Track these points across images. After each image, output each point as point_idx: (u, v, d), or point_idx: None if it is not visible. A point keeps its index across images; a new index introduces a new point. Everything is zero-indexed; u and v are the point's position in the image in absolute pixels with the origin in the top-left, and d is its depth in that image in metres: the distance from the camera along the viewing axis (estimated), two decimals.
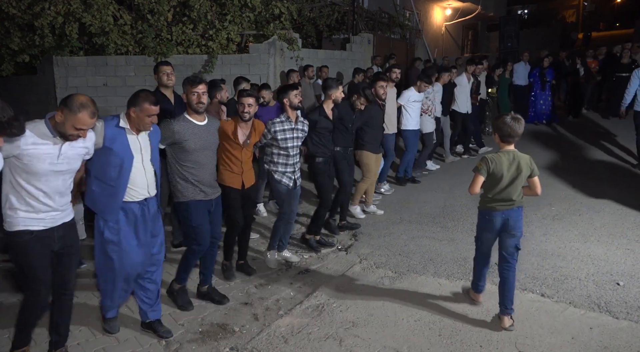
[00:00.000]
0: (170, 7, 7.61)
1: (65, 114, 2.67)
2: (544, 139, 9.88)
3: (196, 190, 3.68)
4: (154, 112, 3.14)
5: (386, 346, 3.35)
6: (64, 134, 2.71)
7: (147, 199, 3.29)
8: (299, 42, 8.26)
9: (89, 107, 2.70)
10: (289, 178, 4.53)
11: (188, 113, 3.69)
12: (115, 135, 3.10)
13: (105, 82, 7.59)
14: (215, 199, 3.85)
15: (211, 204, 3.81)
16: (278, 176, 4.51)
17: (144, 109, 3.11)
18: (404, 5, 15.10)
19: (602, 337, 3.36)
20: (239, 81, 5.70)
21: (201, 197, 3.71)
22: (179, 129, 3.57)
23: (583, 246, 4.89)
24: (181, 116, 3.69)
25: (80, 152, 2.91)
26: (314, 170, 4.99)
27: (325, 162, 4.98)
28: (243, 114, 4.00)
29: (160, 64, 4.80)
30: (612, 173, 7.25)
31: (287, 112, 4.48)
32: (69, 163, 2.85)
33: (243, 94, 4.03)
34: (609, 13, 33.43)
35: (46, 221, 2.85)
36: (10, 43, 7.38)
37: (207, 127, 3.75)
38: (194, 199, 3.68)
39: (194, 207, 3.69)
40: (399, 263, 4.70)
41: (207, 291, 4.01)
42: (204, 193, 3.72)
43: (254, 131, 4.18)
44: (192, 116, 3.67)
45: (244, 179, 4.19)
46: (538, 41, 20.11)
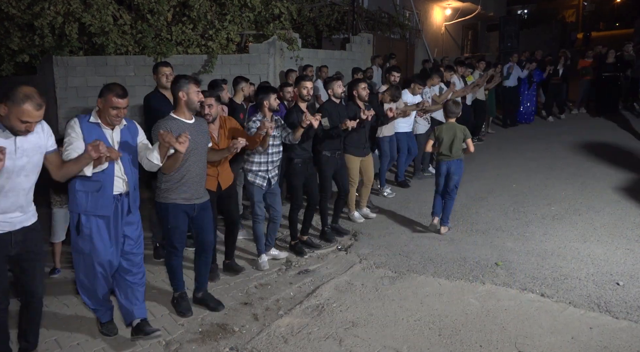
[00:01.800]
0: (170, 7, 7.61)
1: (8, 106, 2.52)
2: (543, 138, 9.89)
3: (179, 194, 3.57)
4: (118, 105, 3.04)
5: (386, 345, 3.35)
6: (12, 128, 2.57)
7: (121, 195, 3.21)
8: (298, 42, 8.25)
9: (33, 99, 2.54)
10: (263, 178, 4.50)
11: (175, 112, 3.59)
12: (90, 129, 3.06)
13: (105, 82, 7.53)
14: (200, 204, 3.71)
15: (193, 208, 3.67)
16: (251, 176, 4.49)
17: (108, 100, 3.04)
18: (403, 5, 15.10)
19: (602, 337, 3.36)
20: (238, 81, 5.68)
21: (181, 201, 3.59)
22: (167, 126, 3.47)
23: (583, 245, 4.89)
24: (167, 116, 3.59)
25: (38, 144, 2.75)
26: (289, 172, 4.92)
27: (303, 163, 4.87)
28: (205, 116, 3.90)
29: (160, 65, 4.77)
30: (612, 173, 7.25)
31: (264, 113, 4.41)
32: (28, 156, 2.69)
33: (205, 94, 3.90)
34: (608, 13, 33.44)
35: (2, 224, 2.68)
36: (10, 43, 7.37)
37: (195, 126, 3.63)
38: (174, 202, 3.58)
39: (173, 209, 3.60)
40: (399, 263, 4.70)
41: (202, 297, 3.93)
42: (186, 198, 3.60)
43: (223, 129, 4.13)
44: (180, 115, 3.57)
45: (220, 180, 4.13)
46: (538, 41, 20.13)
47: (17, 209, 2.73)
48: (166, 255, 3.82)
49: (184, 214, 3.65)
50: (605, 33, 28.18)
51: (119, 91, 3.07)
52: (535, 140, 9.82)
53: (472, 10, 18.34)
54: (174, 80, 3.67)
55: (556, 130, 10.66)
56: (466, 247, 4.99)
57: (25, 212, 2.80)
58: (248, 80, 5.71)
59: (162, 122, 3.50)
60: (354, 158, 5.53)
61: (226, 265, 4.53)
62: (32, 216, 2.86)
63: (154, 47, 7.44)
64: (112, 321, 3.52)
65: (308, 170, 4.95)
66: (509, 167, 7.98)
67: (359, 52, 10.33)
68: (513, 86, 10.78)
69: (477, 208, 6.16)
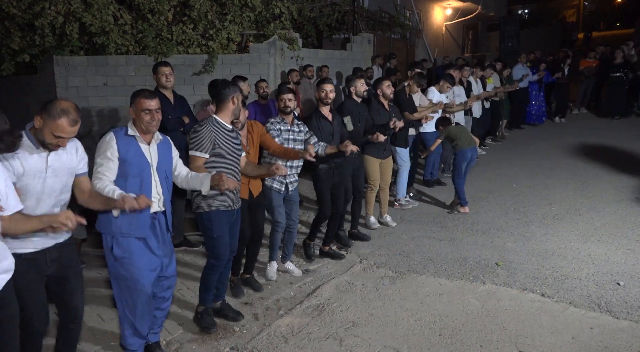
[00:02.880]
0: (170, 7, 7.60)
1: (44, 119, 2.45)
2: (544, 139, 9.88)
3: (220, 200, 3.42)
4: (149, 107, 2.92)
5: (386, 345, 3.35)
6: (43, 142, 2.50)
7: (157, 213, 3.05)
8: (299, 42, 8.24)
9: (70, 114, 2.47)
10: (280, 183, 4.27)
11: (220, 115, 3.47)
12: (127, 143, 2.92)
13: (105, 82, 7.57)
14: (237, 209, 3.60)
15: (233, 214, 3.56)
16: (268, 180, 4.23)
17: (138, 104, 2.93)
18: (404, 5, 15.08)
19: (602, 337, 3.36)
20: (235, 80, 5.65)
21: (224, 207, 3.46)
22: (214, 130, 3.35)
23: (583, 245, 4.89)
24: (211, 117, 3.46)
25: (70, 165, 2.66)
26: (315, 178, 4.70)
27: (329, 169, 4.63)
28: (236, 123, 3.70)
29: (159, 65, 4.75)
30: (613, 173, 7.25)
31: (281, 114, 4.30)
32: (57, 177, 2.60)
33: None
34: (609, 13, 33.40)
35: (36, 242, 2.57)
36: (10, 43, 7.37)
37: (234, 131, 3.55)
38: (217, 209, 3.43)
39: (217, 217, 3.44)
40: (399, 263, 4.70)
41: (220, 308, 3.77)
42: (228, 203, 3.47)
43: (251, 135, 3.98)
44: (223, 118, 3.45)
45: (251, 187, 3.96)
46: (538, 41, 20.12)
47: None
48: (207, 268, 3.60)
49: (227, 223, 3.51)
50: (605, 33, 28.15)
51: (146, 93, 2.99)
52: (536, 140, 9.82)
53: (473, 10, 18.32)
54: (223, 84, 3.52)
55: (558, 130, 10.66)
56: (467, 247, 4.99)
57: None
58: (246, 79, 5.69)
59: (208, 126, 3.37)
60: (374, 160, 5.34)
61: (245, 280, 4.28)
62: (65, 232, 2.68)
63: (155, 47, 7.43)
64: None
65: (335, 178, 4.70)
66: (509, 167, 7.98)
67: (360, 52, 10.31)
68: (523, 87, 10.63)
69: (478, 208, 6.16)
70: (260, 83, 6.10)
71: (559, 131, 10.53)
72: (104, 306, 3.94)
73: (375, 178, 5.42)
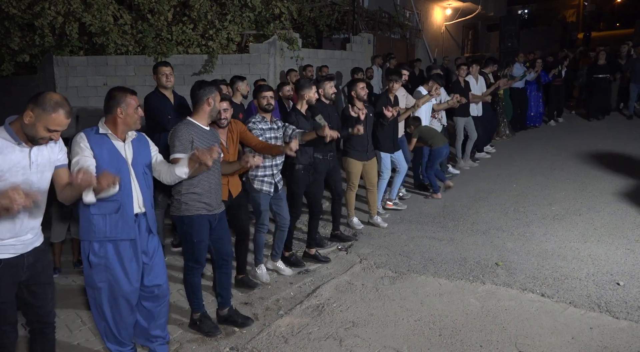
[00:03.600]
0: (170, 7, 7.61)
1: (36, 114, 2.33)
2: (543, 139, 9.89)
3: (201, 203, 3.34)
4: (137, 103, 2.88)
5: (386, 346, 3.35)
6: (34, 137, 2.38)
7: (138, 215, 2.91)
8: (299, 42, 8.25)
9: (64, 106, 2.38)
10: (269, 183, 4.24)
11: (195, 117, 3.37)
12: (99, 142, 2.79)
13: (105, 82, 7.58)
14: (220, 213, 3.50)
15: (215, 218, 3.46)
16: (257, 184, 4.21)
17: (130, 104, 2.84)
18: (404, 5, 15.09)
19: (602, 337, 3.36)
20: (234, 80, 5.64)
21: (205, 211, 3.37)
22: (191, 132, 3.27)
23: (583, 245, 4.89)
24: (186, 120, 3.36)
25: (50, 159, 2.54)
26: (290, 179, 4.65)
27: (305, 169, 4.62)
28: (221, 121, 3.71)
29: (159, 65, 4.75)
30: (612, 173, 7.25)
31: (260, 112, 4.26)
32: (41, 172, 2.49)
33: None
34: (609, 13, 33.41)
35: (17, 246, 2.46)
36: (10, 43, 7.38)
37: (211, 133, 3.45)
38: (198, 213, 3.34)
39: (197, 221, 3.35)
40: (399, 263, 4.70)
41: (228, 314, 3.66)
42: (209, 207, 3.39)
43: (231, 134, 3.93)
44: (200, 120, 3.37)
45: (230, 188, 3.92)
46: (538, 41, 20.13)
47: (29, 231, 2.53)
48: (188, 272, 3.49)
49: (207, 226, 3.42)
50: (605, 33, 28.17)
51: (129, 89, 2.92)
52: (536, 140, 9.82)
53: (473, 10, 18.34)
54: (199, 85, 3.42)
55: (557, 131, 10.66)
56: (466, 247, 4.99)
57: (36, 232, 2.59)
58: (244, 78, 5.69)
59: (184, 128, 3.28)
60: (356, 162, 5.32)
61: (239, 280, 4.24)
62: (41, 235, 2.65)
63: (155, 47, 7.44)
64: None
65: (310, 177, 4.72)
66: (509, 167, 7.98)
67: (360, 52, 10.32)
68: (521, 88, 10.62)
69: (478, 208, 6.16)
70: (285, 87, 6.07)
71: (558, 131, 10.53)
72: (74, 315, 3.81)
73: (355, 180, 5.40)
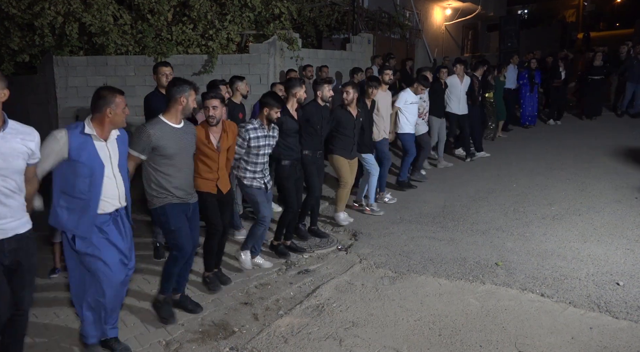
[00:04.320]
0: (170, 7, 7.61)
1: None
2: (543, 139, 9.89)
3: (173, 194, 3.50)
4: (125, 103, 2.96)
5: (386, 345, 3.35)
6: None
7: (119, 210, 3.09)
8: (299, 42, 8.25)
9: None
10: (259, 181, 4.42)
11: (166, 115, 3.47)
12: (81, 143, 2.85)
13: (105, 82, 7.57)
14: (194, 203, 3.67)
15: (189, 208, 3.62)
16: (248, 180, 4.39)
17: (118, 104, 2.91)
18: (404, 5, 15.08)
19: (602, 337, 3.36)
20: (233, 80, 5.64)
21: (177, 200, 3.53)
22: (156, 132, 3.36)
23: (583, 245, 4.89)
24: (156, 119, 3.47)
25: (18, 149, 2.55)
26: (279, 174, 4.81)
27: (292, 165, 4.79)
28: (209, 118, 3.84)
29: (159, 65, 4.76)
30: (612, 173, 7.25)
31: (262, 120, 4.36)
32: (5, 160, 2.49)
33: (207, 97, 3.83)
34: (609, 13, 33.41)
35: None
36: (10, 43, 7.37)
37: (184, 130, 3.55)
38: (169, 202, 3.49)
39: (171, 210, 3.49)
40: (399, 263, 4.70)
41: (179, 300, 3.80)
42: (180, 197, 3.54)
43: (225, 134, 4.00)
44: (169, 119, 3.46)
45: (219, 184, 4.03)
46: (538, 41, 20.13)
47: (4, 217, 2.55)
48: (170, 261, 3.63)
49: (183, 214, 3.57)
50: (605, 33, 28.17)
51: (117, 89, 2.98)
52: (536, 141, 9.82)
53: (472, 10, 18.33)
54: (173, 82, 3.53)
55: (556, 131, 10.67)
56: (466, 247, 4.99)
57: (18, 218, 2.61)
58: (244, 78, 5.70)
59: (150, 128, 3.38)
60: (342, 159, 5.46)
61: (214, 274, 4.32)
62: (26, 222, 2.67)
63: (154, 47, 7.44)
64: (98, 345, 3.28)
65: (297, 173, 4.87)
66: (509, 167, 7.98)
67: (359, 52, 10.32)
68: (513, 89, 10.65)
69: (477, 208, 6.16)
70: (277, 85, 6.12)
71: (557, 131, 10.53)
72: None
73: (347, 176, 5.53)
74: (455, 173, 7.86)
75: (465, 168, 8.11)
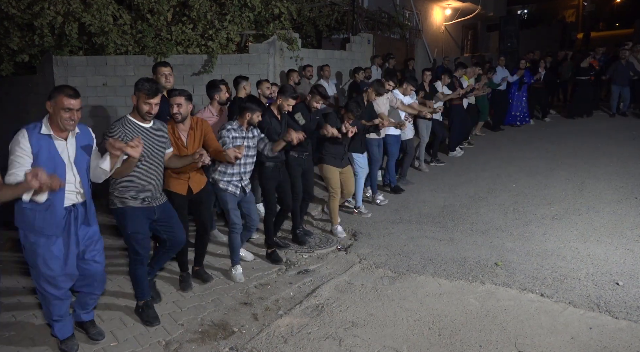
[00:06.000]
0: (170, 7, 7.60)
1: None
2: (542, 139, 9.89)
3: (134, 198, 3.43)
4: (70, 106, 2.82)
5: (386, 345, 3.35)
6: None
7: (75, 205, 3.04)
8: (298, 42, 8.24)
9: None
10: (235, 186, 4.31)
11: (133, 114, 3.41)
12: (40, 143, 2.81)
13: (105, 82, 7.58)
14: (159, 205, 3.58)
15: (153, 211, 3.54)
16: (223, 184, 4.29)
17: (58, 102, 2.81)
18: (403, 5, 15.07)
19: (601, 337, 3.36)
20: (238, 81, 5.66)
21: (139, 204, 3.45)
22: (126, 129, 3.30)
23: (582, 245, 4.89)
24: (123, 118, 3.42)
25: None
26: (261, 175, 4.78)
27: (275, 167, 4.73)
28: (174, 115, 3.82)
29: (159, 65, 4.75)
30: (611, 173, 7.25)
31: (242, 124, 4.29)
32: None
33: (173, 94, 3.80)
34: (608, 13, 33.42)
35: None
36: (9, 43, 7.36)
37: (153, 129, 3.47)
38: (131, 205, 3.43)
39: (130, 213, 3.43)
40: (399, 263, 4.70)
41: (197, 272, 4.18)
42: (144, 201, 3.46)
43: (193, 131, 3.96)
44: (137, 117, 3.39)
45: (191, 184, 3.99)
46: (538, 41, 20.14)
47: None
48: (130, 263, 3.63)
49: (144, 219, 3.51)
50: (605, 33, 28.19)
51: (69, 91, 2.87)
52: (535, 140, 9.82)
53: (472, 10, 18.32)
54: (136, 83, 3.41)
55: (556, 131, 10.66)
56: (466, 247, 4.99)
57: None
58: (247, 78, 5.71)
59: (117, 125, 3.34)
60: (333, 168, 5.36)
61: (195, 272, 4.37)
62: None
63: (154, 47, 7.43)
64: (72, 337, 3.32)
65: (281, 175, 4.83)
66: (508, 167, 7.98)
67: (359, 52, 10.32)
68: (502, 90, 10.65)
69: (477, 208, 6.16)
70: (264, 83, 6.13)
71: (556, 131, 10.53)
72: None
73: (336, 186, 5.40)
74: (455, 173, 7.86)
75: (465, 168, 8.11)
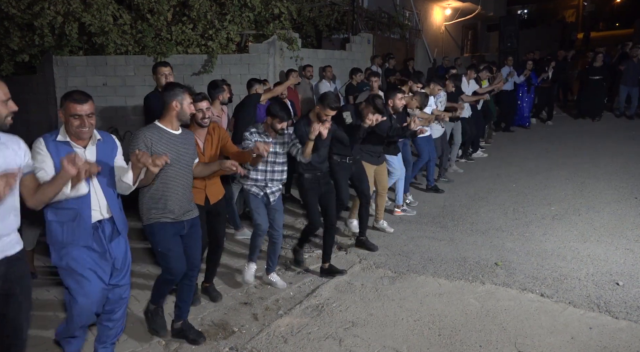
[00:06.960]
0: (170, 7, 7.60)
1: None
2: (542, 139, 9.89)
3: (164, 211, 3.20)
4: (78, 112, 2.65)
5: (386, 345, 3.35)
6: None
7: (102, 222, 2.83)
8: (298, 42, 8.24)
9: None
10: (259, 188, 4.13)
11: (162, 120, 3.23)
12: (58, 150, 2.65)
13: (105, 82, 7.57)
14: (189, 220, 3.33)
15: (183, 226, 3.30)
16: (247, 185, 4.15)
17: (67, 109, 2.66)
18: (403, 5, 15.07)
19: (601, 337, 3.36)
20: (251, 83, 5.60)
21: (168, 219, 3.22)
22: (153, 135, 3.13)
23: (582, 246, 4.89)
24: (150, 124, 3.25)
25: (14, 162, 2.36)
26: (300, 187, 4.53)
27: (314, 178, 4.42)
28: (203, 120, 3.63)
29: (159, 65, 4.74)
30: (612, 173, 7.25)
31: (267, 128, 4.06)
32: None
33: (197, 99, 3.55)
34: (608, 13, 33.43)
35: None
36: (9, 43, 7.36)
37: (182, 137, 3.29)
38: (158, 221, 3.21)
39: (160, 230, 3.21)
40: (399, 263, 4.70)
41: (181, 328, 3.49)
42: (173, 214, 3.23)
43: (210, 136, 3.80)
44: (167, 124, 3.22)
45: (208, 193, 3.78)
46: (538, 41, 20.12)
47: None
48: (161, 280, 3.38)
49: (176, 236, 3.28)
50: (605, 33, 28.19)
51: (75, 96, 2.68)
52: (535, 141, 9.83)
53: (472, 10, 18.32)
54: (167, 87, 3.34)
55: (556, 131, 10.67)
56: (466, 247, 4.99)
57: (6, 240, 2.36)
58: (260, 80, 5.70)
59: (146, 131, 3.16)
60: (368, 165, 5.22)
61: (205, 289, 4.11)
62: (15, 243, 2.42)
63: (154, 47, 7.43)
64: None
65: (322, 187, 4.48)
66: (508, 167, 7.98)
67: (359, 52, 10.31)
68: (510, 90, 10.61)
69: (477, 208, 6.16)
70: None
71: (557, 131, 10.54)
72: None
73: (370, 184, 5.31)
74: (455, 173, 7.85)
75: (464, 168, 8.10)
